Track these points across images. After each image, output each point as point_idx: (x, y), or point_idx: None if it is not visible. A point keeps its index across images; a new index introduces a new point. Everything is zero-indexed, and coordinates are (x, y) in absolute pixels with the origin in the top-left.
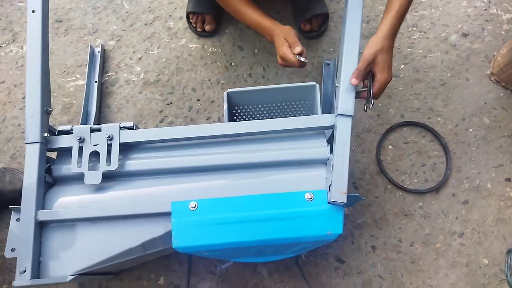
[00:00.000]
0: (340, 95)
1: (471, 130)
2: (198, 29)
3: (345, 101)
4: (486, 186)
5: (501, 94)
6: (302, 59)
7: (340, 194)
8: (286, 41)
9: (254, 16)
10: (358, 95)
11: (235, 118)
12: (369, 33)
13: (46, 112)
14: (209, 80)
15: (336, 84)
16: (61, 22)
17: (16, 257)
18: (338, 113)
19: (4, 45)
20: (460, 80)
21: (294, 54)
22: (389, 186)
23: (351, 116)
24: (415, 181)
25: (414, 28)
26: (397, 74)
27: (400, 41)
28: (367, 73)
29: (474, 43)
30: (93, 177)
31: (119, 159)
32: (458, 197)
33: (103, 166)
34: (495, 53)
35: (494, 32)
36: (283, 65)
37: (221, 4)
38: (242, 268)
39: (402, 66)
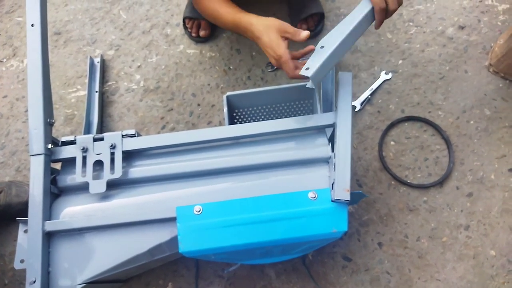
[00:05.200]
0: (339, 93)
1: (472, 122)
2: (193, 34)
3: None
4: (490, 178)
5: (500, 85)
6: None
7: (343, 191)
8: (285, 34)
9: (231, 15)
10: None
11: (235, 121)
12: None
13: (49, 124)
14: (209, 84)
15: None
16: (59, 34)
17: (26, 269)
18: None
19: (4, 60)
20: (458, 73)
21: (299, 55)
22: (392, 182)
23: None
24: (419, 176)
25: (411, 23)
26: (396, 69)
27: (397, 37)
28: None
29: (471, 35)
30: (98, 186)
31: (123, 167)
32: (462, 190)
33: (107, 175)
34: (492, 44)
35: (490, 23)
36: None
37: (197, 7)
38: (249, 270)
39: (400, 62)
